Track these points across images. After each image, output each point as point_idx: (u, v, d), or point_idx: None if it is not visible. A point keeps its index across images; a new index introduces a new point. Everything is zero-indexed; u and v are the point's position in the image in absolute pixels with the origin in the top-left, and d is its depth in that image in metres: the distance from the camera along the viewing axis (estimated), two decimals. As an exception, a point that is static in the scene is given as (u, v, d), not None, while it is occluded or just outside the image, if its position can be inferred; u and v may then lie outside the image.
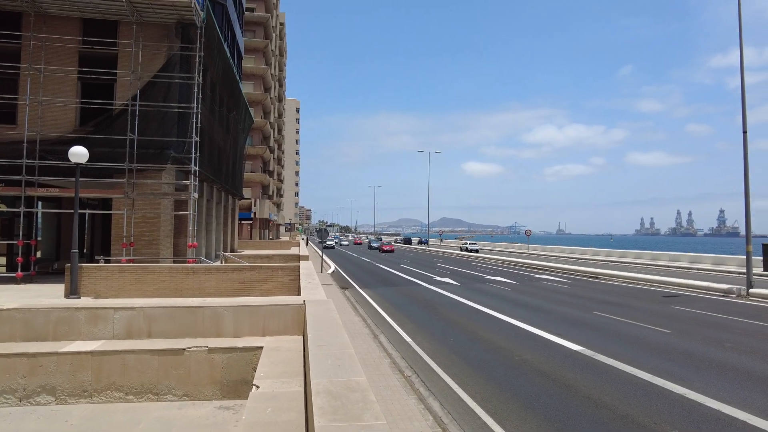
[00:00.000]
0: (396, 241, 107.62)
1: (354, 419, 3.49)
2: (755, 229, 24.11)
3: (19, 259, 16.54)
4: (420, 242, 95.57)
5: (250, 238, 51.58)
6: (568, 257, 53.40)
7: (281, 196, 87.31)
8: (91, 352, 8.29)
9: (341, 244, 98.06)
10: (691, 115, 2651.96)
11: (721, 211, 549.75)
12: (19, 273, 16.12)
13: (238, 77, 31.55)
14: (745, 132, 22.02)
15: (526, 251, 62.93)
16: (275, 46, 63.51)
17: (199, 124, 19.10)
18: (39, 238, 20.91)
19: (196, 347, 8.47)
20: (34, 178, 17.17)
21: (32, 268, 17.04)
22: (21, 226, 16.95)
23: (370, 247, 78.71)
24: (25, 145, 17.07)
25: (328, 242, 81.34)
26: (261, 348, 8.30)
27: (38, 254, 19.09)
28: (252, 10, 53.89)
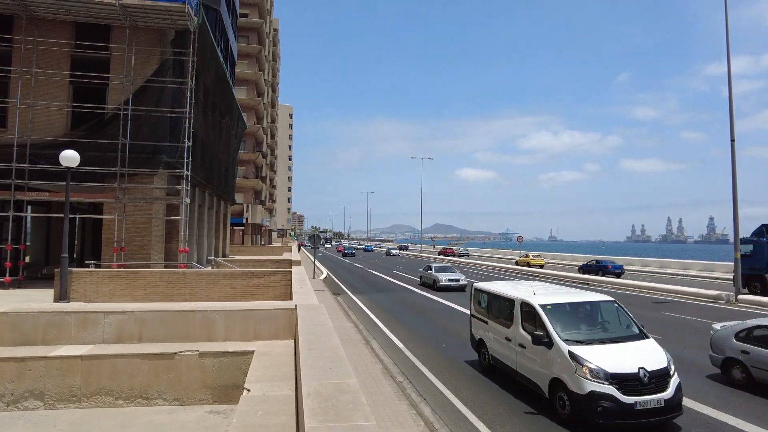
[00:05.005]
0: (400, 248, 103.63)
1: (344, 420, 3.50)
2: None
3: (8, 263, 16.37)
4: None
5: (242, 243, 51.32)
6: (560, 263, 53.61)
7: (274, 201, 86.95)
8: (81, 357, 8.21)
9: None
10: (686, 123, 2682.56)
11: (711, 219, 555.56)
12: (8, 278, 15.95)
13: (231, 82, 31.55)
14: (732, 140, 22.36)
15: (518, 257, 62.99)
16: (269, 52, 63.56)
17: (191, 129, 19.07)
18: (28, 243, 20.75)
19: (187, 351, 8.42)
20: (24, 181, 17.03)
21: (21, 272, 16.87)
22: (10, 231, 16.78)
23: None
24: (15, 148, 16.94)
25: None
26: (252, 352, 8.27)
27: (27, 259, 18.91)
28: (246, 15, 53.95)
